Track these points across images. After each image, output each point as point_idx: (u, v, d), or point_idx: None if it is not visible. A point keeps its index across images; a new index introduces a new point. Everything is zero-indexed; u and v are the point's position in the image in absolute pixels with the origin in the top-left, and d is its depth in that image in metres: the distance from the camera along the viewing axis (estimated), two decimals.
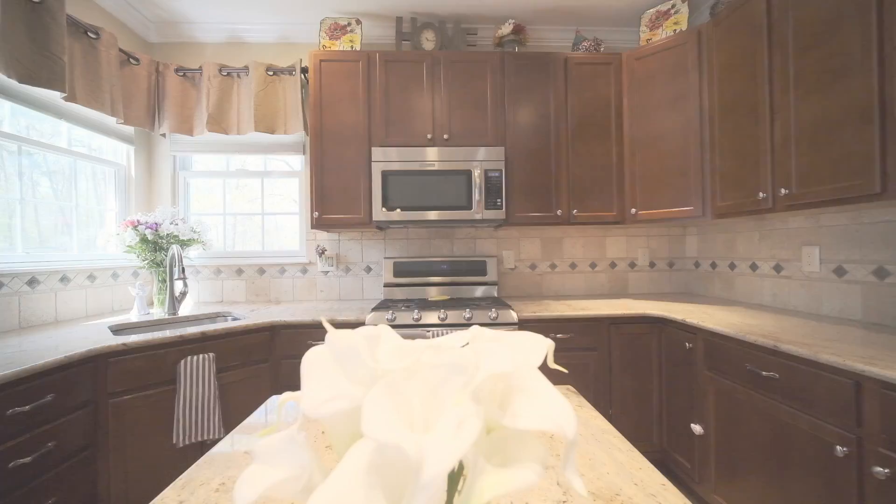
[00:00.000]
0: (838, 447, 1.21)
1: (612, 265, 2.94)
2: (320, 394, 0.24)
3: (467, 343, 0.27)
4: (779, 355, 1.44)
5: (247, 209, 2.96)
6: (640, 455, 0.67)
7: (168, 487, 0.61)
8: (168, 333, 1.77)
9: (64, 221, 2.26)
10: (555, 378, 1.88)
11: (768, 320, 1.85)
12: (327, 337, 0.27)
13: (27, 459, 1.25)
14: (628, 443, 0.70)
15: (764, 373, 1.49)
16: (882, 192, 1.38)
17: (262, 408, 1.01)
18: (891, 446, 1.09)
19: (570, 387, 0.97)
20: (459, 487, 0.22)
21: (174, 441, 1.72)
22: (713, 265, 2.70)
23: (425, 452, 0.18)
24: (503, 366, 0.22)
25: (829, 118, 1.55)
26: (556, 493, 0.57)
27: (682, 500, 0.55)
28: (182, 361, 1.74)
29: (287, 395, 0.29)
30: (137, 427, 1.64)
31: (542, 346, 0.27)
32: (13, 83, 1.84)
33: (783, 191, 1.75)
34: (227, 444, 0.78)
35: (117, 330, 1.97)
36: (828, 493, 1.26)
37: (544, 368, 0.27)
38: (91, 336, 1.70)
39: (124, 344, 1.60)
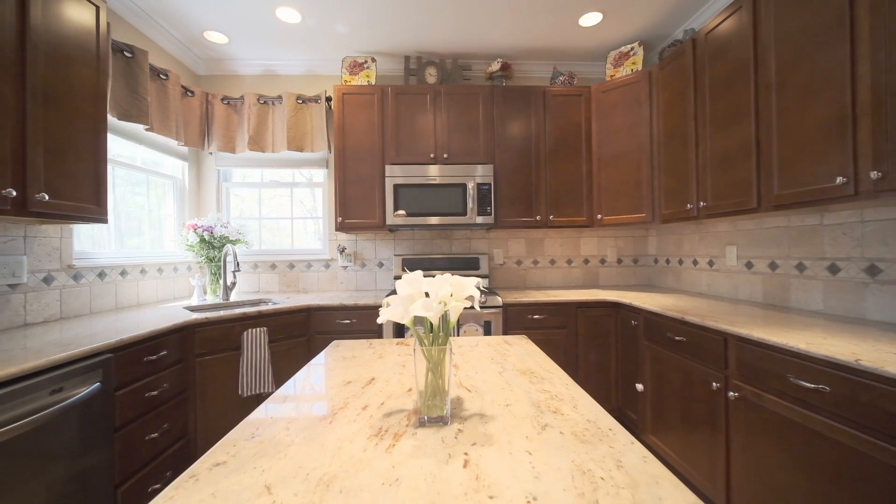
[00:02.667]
0: (714, 383, 1.76)
1: (586, 261, 3.49)
2: (403, 291, 0.79)
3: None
4: (686, 324, 1.99)
5: (264, 213, 3.50)
6: (550, 360, 1.21)
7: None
8: (233, 312, 2.32)
9: (138, 225, 2.81)
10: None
11: (695, 303, 2.39)
12: (404, 276, 0.82)
13: (155, 393, 1.80)
14: (545, 356, 1.25)
15: (677, 338, 2.04)
16: (757, 207, 1.93)
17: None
18: (739, 378, 1.64)
19: (524, 335, 1.52)
20: (446, 307, 0.77)
21: (239, 393, 2.27)
22: (667, 261, 3.25)
23: (438, 292, 0.73)
24: (459, 279, 0.78)
25: (728, 150, 2.10)
26: (497, 369, 1.12)
27: (562, 373, 1.09)
28: (245, 332, 2.29)
29: (387, 298, 0.84)
30: (215, 380, 2.19)
31: (475, 280, 0.82)
32: (112, 119, 2.39)
33: (702, 203, 2.30)
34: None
35: (191, 310, 2.52)
36: (710, 417, 1.81)
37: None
38: (171, 315, 2.24)
39: (206, 318, 2.15)
